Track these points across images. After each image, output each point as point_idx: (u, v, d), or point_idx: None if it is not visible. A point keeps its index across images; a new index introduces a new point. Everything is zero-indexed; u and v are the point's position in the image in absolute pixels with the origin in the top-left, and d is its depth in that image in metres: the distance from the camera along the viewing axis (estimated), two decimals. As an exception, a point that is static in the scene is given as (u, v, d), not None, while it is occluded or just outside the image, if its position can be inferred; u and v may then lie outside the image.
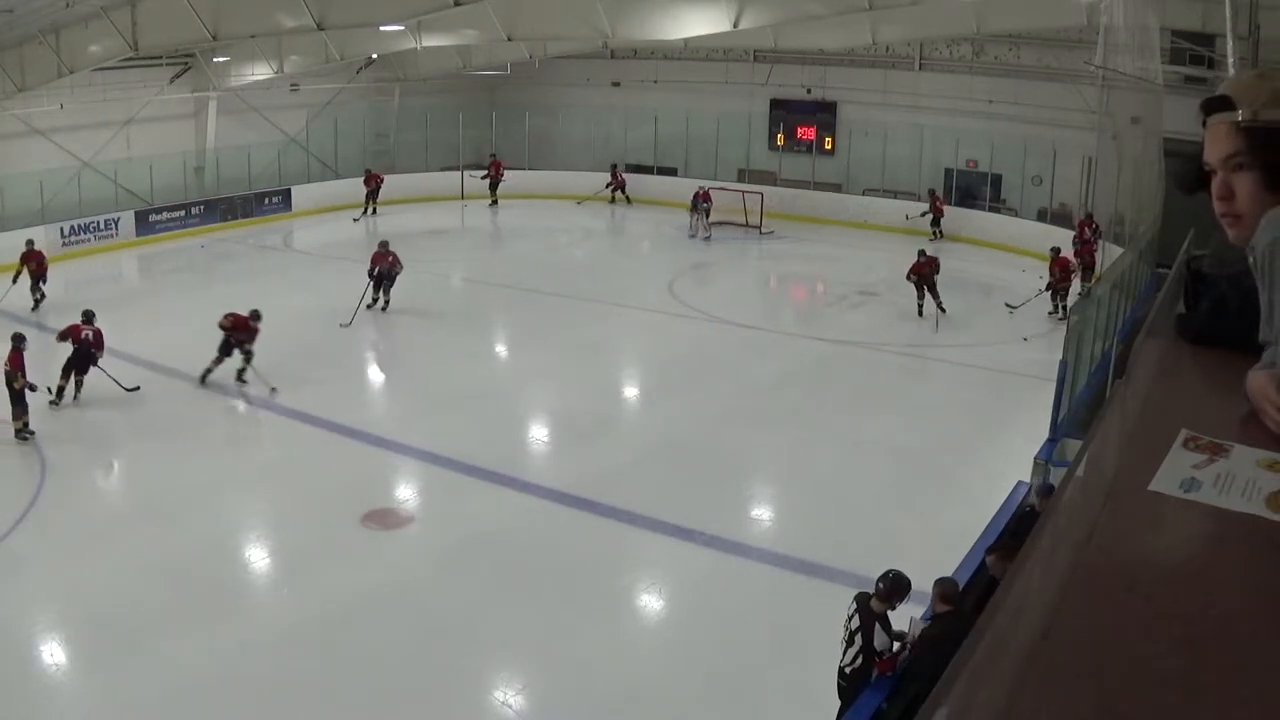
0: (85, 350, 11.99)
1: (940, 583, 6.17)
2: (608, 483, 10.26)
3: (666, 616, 8.35)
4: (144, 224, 21.44)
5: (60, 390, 11.91)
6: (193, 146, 23.77)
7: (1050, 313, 16.06)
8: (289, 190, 24.64)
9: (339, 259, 20.73)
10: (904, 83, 24.71)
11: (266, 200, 24.17)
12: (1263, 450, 1.13)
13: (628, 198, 26.72)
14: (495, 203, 26.17)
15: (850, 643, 5.98)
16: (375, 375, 14.71)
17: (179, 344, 13.70)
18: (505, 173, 26.36)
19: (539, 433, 12.38)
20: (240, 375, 12.93)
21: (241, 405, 12.67)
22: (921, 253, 16.53)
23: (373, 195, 24.27)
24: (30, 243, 16.80)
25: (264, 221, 23.66)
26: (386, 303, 16.54)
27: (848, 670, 6.02)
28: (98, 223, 20.72)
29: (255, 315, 12.85)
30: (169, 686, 6.99)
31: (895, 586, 6.08)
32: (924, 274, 16.10)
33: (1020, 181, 22.95)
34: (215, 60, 23.11)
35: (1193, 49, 15.85)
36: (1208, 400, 1.34)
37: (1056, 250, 16.49)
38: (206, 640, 7.50)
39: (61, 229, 19.94)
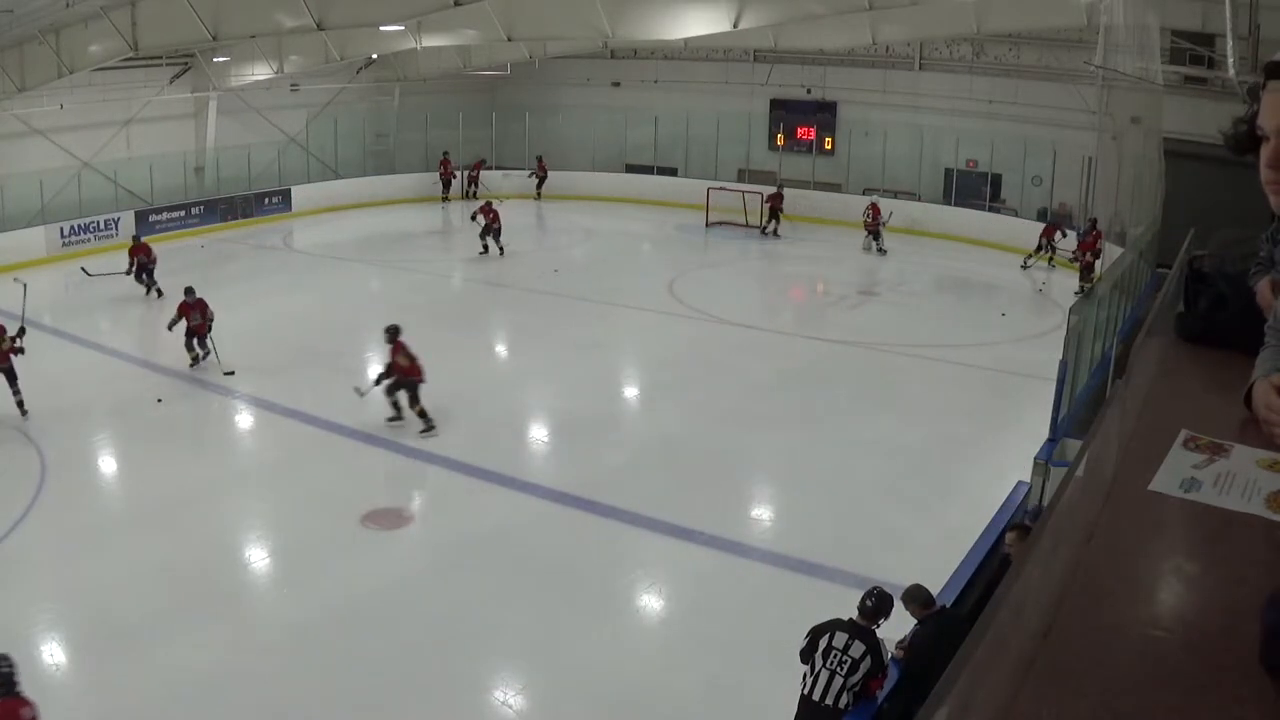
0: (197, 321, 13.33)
1: (916, 595, 6.08)
2: (608, 483, 10.26)
3: (666, 616, 8.35)
4: (144, 224, 21.41)
5: (196, 358, 13.42)
6: (193, 146, 23.77)
7: None
8: (289, 190, 24.65)
9: (339, 259, 20.76)
10: (904, 83, 24.70)
11: (266, 200, 24.19)
12: (1262, 450, 1.13)
13: (445, 196, 26.63)
14: (447, 200, 26.40)
15: (853, 670, 5.79)
16: (375, 375, 14.65)
17: (179, 344, 13.69)
18: (456, 172, 26.61)
19: (539, 433, 12.37)
20: None
21: (241, 405, 12.67)
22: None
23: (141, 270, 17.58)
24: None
25: (264, 221, 23.67)
26: (501, 249, 20.43)
27: (850, 702, 5.80)
28: (98, 223, 20.72)
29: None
30: (169, 687, 6.99)
31: (881, 603, 6.02)
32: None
33: (1020, 181, 22.93)
34: (215, 60, 23.11)
35: (1193, 49, 15.82)
36: (1208, 400, 1.34)
37: None
38: (207, 640, 7.50)
39: (61, 229, 19.96)
